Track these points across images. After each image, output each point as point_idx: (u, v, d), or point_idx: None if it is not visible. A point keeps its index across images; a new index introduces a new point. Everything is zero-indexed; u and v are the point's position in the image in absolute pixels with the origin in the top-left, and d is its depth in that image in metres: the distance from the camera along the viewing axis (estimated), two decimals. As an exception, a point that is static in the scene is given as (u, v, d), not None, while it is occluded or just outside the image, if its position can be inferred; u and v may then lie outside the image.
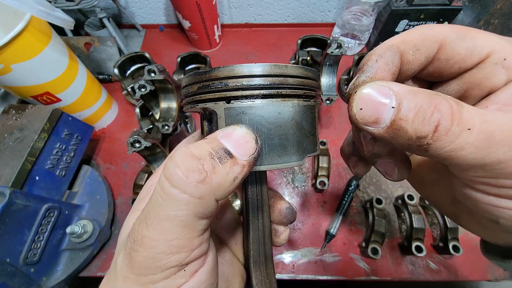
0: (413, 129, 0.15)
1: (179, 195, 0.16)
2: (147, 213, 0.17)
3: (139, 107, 0.68)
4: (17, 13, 0.53)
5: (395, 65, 0.18)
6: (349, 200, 0.63)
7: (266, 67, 0.19)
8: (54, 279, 0.53)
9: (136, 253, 0.17)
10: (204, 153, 0.17)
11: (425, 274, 0.57)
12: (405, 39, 0.18)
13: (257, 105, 0.19)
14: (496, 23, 0.69)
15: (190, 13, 0.79)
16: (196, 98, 0.20)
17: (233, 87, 0.19)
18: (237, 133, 0.18)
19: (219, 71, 0.19)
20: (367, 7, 0.78)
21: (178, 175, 0.16)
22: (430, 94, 0.15)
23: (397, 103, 0.15)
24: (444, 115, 0.14)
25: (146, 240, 0.16)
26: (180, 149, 0.17)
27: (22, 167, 0.51)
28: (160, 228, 0.16)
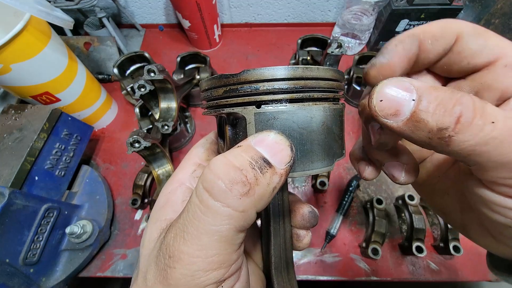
0: (434, 120, 0.14)
1: (221, 209, 0.15)
2: (184, 227, 0.16)
3: (138, 107, 0.68)
4: (17, 12, 0.53)
5: (413, 51, 0.19)
6: (349, 200, 0.63)
7: (298, 70, 0.18)
8: (54, 280, 0.53)
9: (173, 270, 0.16)
10: (244, 163, 0.16)
11: (426, 275, 0.57)
12: (425, 30, 0.19)
13: (289, 110, 0.18)
14: (497, 22, 0.68)
15: (190, 13, 0.79)
16: (222, 102, 0.19)
17: (263, 91, 0.18)
18: (271, 139, 0.17)
19: (249, 74, 0.18)
20: (367, 7, 0.78)
21: (220, 187, 0.15)
22: (452, 89, 0.15)
23: (418, 96, 0.15)
24: (467, 107, 0.14)
25: (184, 256, 0.16)
26: (217, 159, 0.17)
27: (22, 167, 0.51)
28: (199, 243, 0.16)
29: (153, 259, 0.18)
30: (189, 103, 0.81)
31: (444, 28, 0.19)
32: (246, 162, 0.16)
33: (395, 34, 0.83)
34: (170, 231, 0.17)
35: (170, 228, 0.17)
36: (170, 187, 0.24)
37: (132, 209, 0.64)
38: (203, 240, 0.15)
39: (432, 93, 0.15)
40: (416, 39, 0.19)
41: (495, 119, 0.13)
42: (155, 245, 0.19)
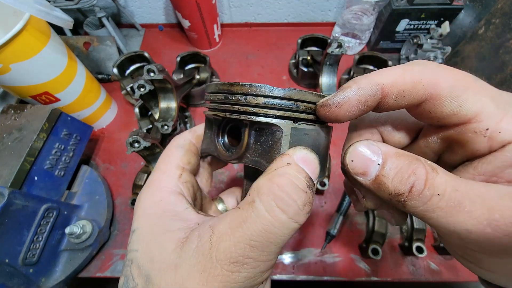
0: (393, 186, 0.17)
1: (292, 224, 0.18)
2: (250, 236, 0.17)
3: (138, 107, 0.68)
4: (16, 12, 0.53)
5: (368, 105, 0.19)
6: (349, 201, 0.63)
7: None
8: (53, 280, 0.53)
9: (237, 274, 0.17)
10: (304, 186, 0.19)
11: (426, 275, 0.57)
12: (395, 83, 0.18)
13: (316, 129, 0.22)
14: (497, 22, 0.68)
15: (189, 13, 0.79)
16: (260, 111, 0.21)
17: (303, 110, 0.21)
18: (310, 158, 0.20)
19: (293, 92, 0.21)
20: (367, 6, 0.78)
21: (295, 208, 0.18)
22: (412, 158, 0.17)
23: (382, 161, 0.18)
24: (419, 179, 0.16)
25: (250, 261, 0.18)
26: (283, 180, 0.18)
27: (21, 167, 0.51)
28: (267, 250, 0.18)
29: (193, 267, 0.18)
30: (189, 103, 0.81)
31: (417, 86, 0.18)
32: (305, 185, 0.19)
33: (395, 33, 0.83)
34: (224, 239, 0.18)
35: (223, 237, 0.18)
36: (158, 195, 0.23)
37: (132, 209, 0.64)
38: (271, 248, 0.18)
39: (394, 161, 0.18)
40: (379, 93, 0.18)
41: (442, 192, 0.16)
42: (185, 255, 0.19)
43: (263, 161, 0.21)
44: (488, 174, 0.18)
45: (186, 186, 0.25)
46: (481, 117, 0.17)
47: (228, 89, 0.22)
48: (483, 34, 0.70)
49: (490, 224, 0.15)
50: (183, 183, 0.25)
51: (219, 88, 0.22)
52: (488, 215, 0.15)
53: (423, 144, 0.22)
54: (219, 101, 0.23)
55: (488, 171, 0.18)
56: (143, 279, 0.19)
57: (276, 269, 0.58)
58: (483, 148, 0.18)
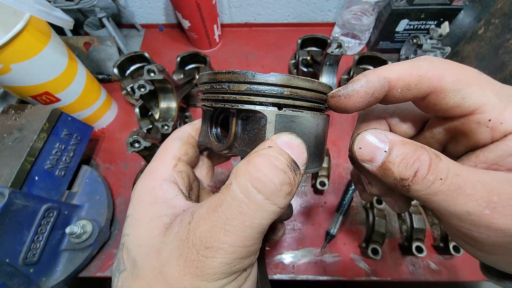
0: (398, 172, 0.18)
1: (270, 206, 0.18)
2: (226, 220, 0.17)
3: (138, 107, 0.68)
4: (17, 12, 0.53)
5: (375, 96, 0.20)
6: (349, 200, 0.63)
7: (315, 84, 0.21)
8: (54, 280, 0.53)
9: (211, 259, 0.17)
10: (285, 166, 0.18)
11: (426, 275, 0.57)
12: (401, 77, 0.19)
13: (304, 116, 0.21)
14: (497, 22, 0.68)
15: (189, 13, 0.79)
16: (243, 98, 0.20)
17: (288, 95, 0.20)
18: (295, 143, 0.20)
19: (278, 78, 0.20)
20: (367, 7, 0.78)
21: (272, 187, 0.17)
22: (416, 146, 0.18)
23: (389, 148, 0.19)
24: (423, 165, 0.17)
25: (225, 246, 0.17)
26: (260, 159, 0.18)
27: (21, 167, 0.51)
28: (243, 235, 0.17)
29: (172, 252, 0.18)
30: (189, 103, 0.81)
31: (422, 79, 0.19)
32: (285, 165, 0.18)
33: (395, 34, 0.83)
34: (200, 224, 0.18)
35: (200, 221, 0.18)
36: (152, 183, 0.24)
37: (132, 209, 0.64)
38: (247, 232, 0.17)
39: (400, 148, 0.19)
40: (386, 86, 0.19)
41: (444, 176, 0.17)
42: (167, 240, 0.19)
43: (249, 150, 0.21)
44: (489, 163, 0.19)
45: (180, 175, 0.25)
46: (484, 108, 0.18)
47: (213, 78, 0.21)
48: (482, 34, 0.70)
49: (488, 206, 0.16)
50: (178, 172, 0.25)
51: (206, 77, 0.22)
52: (487, 198, 0.16)
53: (429, 135, 0.23)
54: (206, 91, 0.23)
55: (490, 159, 0.19)
56: (131, 263, 0.20)
57: (276, 269, 0.58)
58: (486, 138, 0.19)
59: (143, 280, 0.19)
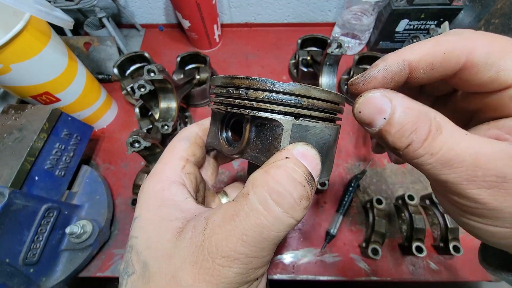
0: (392, 141, 0.18)
1: (287, 219, 0.17)
2: (242, 230, 0.17)
3: (138, 107, 0.68)
4: (17, 12, 0.53)
5: (395, 80, 0.19)
6: (349, 200, 0.63)
7: (332, 95, 0.21)
8: (54, 280, 0.53)
9: (227, 269, 0.17)
10: (303, 179, 0.18)
11: (426, 275, 0.57)
12: (423, 58, 0.18)
13: (320, 126, 0.21)
14: (497, 22, 0.68)
15: (189, 13, 0.79)
16: (260, 106, 0.20)
17: (305, 106, 0.20)
18: (311, 154, 0.20)
19: (296, 88, 0.20)
20: (367, 7, 0.78)
21: (291, 201, 0.17)
22: (419, 115, 0.18)
23: (389, 117, 0.18)
24: (418, 138, 0.17)
25: (242, 256, 0.17)
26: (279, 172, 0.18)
27: (21, 167, 0.51)
28: (260, 246, 0.17)
29: (186, 258, 0.18)
30: (189, 103, 0.81)
31: (448, 56, 0.17)
32: (303, 178, 0.18)
33: (395, 34, 0.83)
34: (216, 232, 0.18)
35: (215, 229, 0.18)
36: (160, 184, 0.23)
37: (132, 209, 0.64)
38: (263, 244, 0.17)
39: (401, 116, 0.18)
40: (406, 69, 0.18)
41: (436, 151, 0.17)
42: (180, 245, 0.19)
43: (262, 157, 0.21)
44: (504, 130, 0.18)
45: (188, 177, 0.25)
46: None
47: (230, 82, 0.21)
48: (482, 34, 0.70)
49: (468, 179, 0.16)
50: (186, 174, 0.25)
51: (222, 81, 0.22)
52: (471, 172, 0.16)
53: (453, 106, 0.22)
54: (221, 95, 0.22)
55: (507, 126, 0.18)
56: (141, 266, 0.20)
57: (276, 269, 0.58)
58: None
59: (155, 284, 0.18)
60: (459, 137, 0.17)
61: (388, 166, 0.70)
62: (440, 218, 0.57)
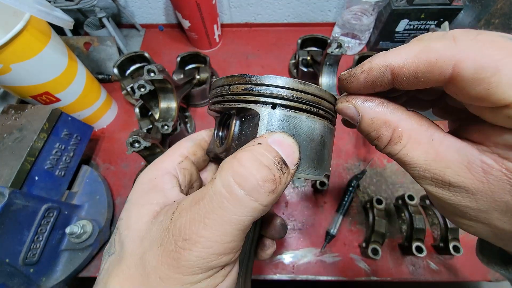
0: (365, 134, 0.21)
1: (250, 202, 0.17)
2: (206, 213, 0.17)
3: (138, 107, 0.68)
4: (17, 12, 0.53)
5: (376, 85, 0.19)
6: (349, 200, 0.63)
7: (311, 87, 0.22)
8: (54, 280, 0.53)
9: (188, 252, 0.17)
10: (271, 163, 0.18)
11: (426, 275, 0.57)
12: (406, 65, 0.17)
13: (298, 116, 0.21)
14: (497, 22, 0.68)
15: (189, 13, 0.79)
16: (240, 98, 0.21)
17: (281, 96, 0.21)
18: (287, 142, 0.19)
19: (272, 79, 0.21)
20: (367, 7, 0.78)
21: (254, 183, 0.17)
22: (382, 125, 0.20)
23: (357, 124, 0.21)
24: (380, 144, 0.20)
25: (202, 239, 0.17)
26: (245, 155, 0.18)
27: (21, 167, 0.51)
28: (221, 230, 0.17)
29: (154, 241, 0.18)
30: (189, 103, 0.81)
31: (433, 67, 0.16)
32: (271, 162, 0.18)
33: (395, 34, 0.83)
34: (182, 215, 0.18)
35: (182, 213, 0.18)
36: (155, 173, 0.24)
37: (132, 209, 0.64)
38: (225, 228, 0.17)
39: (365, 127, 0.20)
40: (388, 72, 0.18)
41: (393, 154, 0.20)
42: (152, 227, 0.19)
43: None
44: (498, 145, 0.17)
45: (183, 172, 0.26)
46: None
47: (219, 83, 0.23)
48: (482, 34, 0.70)
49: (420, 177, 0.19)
50: (181, 169, 0.26)
51: (213, 85, 0.24)
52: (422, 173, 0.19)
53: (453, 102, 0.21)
54: (212, 96, 0.24)
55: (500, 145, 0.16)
56: (120, 246, 0.20)
57: (276, 269, 0.58)
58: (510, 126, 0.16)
59: (125, 264, 0.19)
60: (415, 146, 0.19)
61: (388, 166, 0.70)
62: (440, 218, 0.57)
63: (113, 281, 0.19)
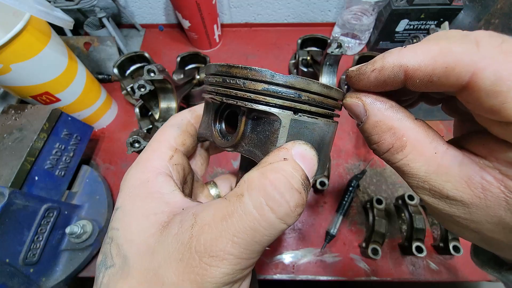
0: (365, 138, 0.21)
1: (281, 225, 0.17)
2: (234, 232, 0.17)
3: (138, 107, 0.68)
4: (17, 12, 0.53)
5: (388, 84, 0.18)
6: (349, 200, 0.63)
7: (333, 91, 0.21)
8: (54, 280, 0.53)
9: (214, 269, 0.17)
10: (299, 186, 0.18)
11: (426, 275, 0.57)
12: (421, 67, 0.16)
13: (318, 123, 0.20)
14: (497, 22, 0.68)
15: (189, 13, 0.79)
16: (258, 98, 0.19)
17: (305, 100, 0.19)
18: (309, 155, 0.19)
19: (297, 81, 0.19)
20: (367, 7, 0.78)
21: (287, 209, 0.17)
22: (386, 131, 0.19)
23: (362, 124, 0.20)
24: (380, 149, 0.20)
25: (230, 257, 0.17)
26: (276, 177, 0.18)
27: (21, 167, 0.51)
28: (250, 249, 0.17)
29: (171, 255, 0.17)
30: (189, 103, 0.81)
31: (449, 72, 0.15)
32: (300, 184, 0.18)
33: (395, 34, 0.83)
34: (205, 231, 0.17)
35: (205, 228, 0.17)
36: (146, 175, 0.22)
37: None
38: (254, 246, 0.17)
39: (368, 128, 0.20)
40: (402, 73, 0.17)
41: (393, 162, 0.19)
42: (164, 240, 0.18)
43: (258, 152, 0.20)
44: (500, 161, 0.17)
45: (176, 168, 0.24)
46: None
47: (227, 71, 0.20)
48: (482, 34, 0.70)
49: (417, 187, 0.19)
50: (173, 165, 0.24)
51: (218, 69, 0.21)
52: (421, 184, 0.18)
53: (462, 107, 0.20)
54: (217, 84, 0.21)
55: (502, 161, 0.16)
56: (121, 260, 0.19)
57: (276, 269, 0.58)
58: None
59: (135, 279, 0.18)
60: (417, 157, 0.18)
61: (388, 166, 0.70)
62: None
63: None
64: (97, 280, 0.20)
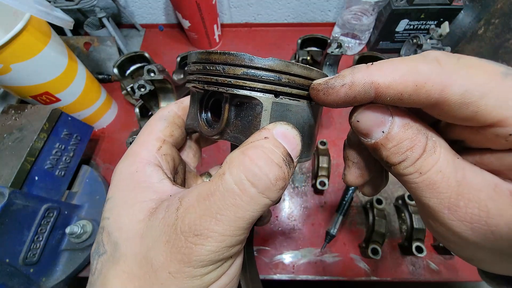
0: (386, 155, 0.18)
1: (263, 199, 0.18)
2: (218, 210, 0.17)
3: (138, 107, 0.68)
4: (17, 12, 0.53)
5: (358, 100, 0.18)
6: (349, 200, 0.63)
7: (314, 72, 0.20)
8: (54, 280, 0.53)
9: (199, 247, 0.17)
10: (280, 160, 0.18)
11: (426, 275, 0.57)
12: (392, 86, 0.16)
13: (301, 105, 0.20)
14: (497, 22, 0.68)
15: (189, 13, 0.79)
16: (238, 83, 0.19)
17: (285, 83, 0.19)
18: (291, 134, 0.19)
19: (276, 63, 0.19)
20: (367, 7, 0.78)
21: (267, 182, 0.17)
22: (417, 133, 0.17)
23: (387, 131, 0.18)
24: (412, 156, 0.17)
25: (214, 234, 0.17)
26: (256, 152, 0.18)
27: (21, 167, 0.51)
28: (234, 225, 0.17)
29: (158, 238, 0.18)
30: (189, 103, 0.81)
31: (419, 90, 0.16)
32: (281, 160, 0.18)
33: (395, 34, 0.83)
34: (190, 211, 0.18)
35: (189, 209, 0.18)
36: (135, 165, 0.23)
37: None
38: (238, 223, 0.17)
39: (399, 133, 0.17)
40: (372, 91, 0.17)
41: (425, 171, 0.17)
42: (152, 225, 0.19)
43: (242, 137, 0.20)
44: (492, 167, 0.17)
45: (165, 158, 0.24)
46: (505, 122, 0.15)
47: (207, 58, 0.20)
48: (482, 34, 0.70)
49: (450, 208, 0.16)
50: (162, 155, 0.24)
51: (198, 57, 0.21)
52: (454, 200, 0.16)
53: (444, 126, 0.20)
54: (198, 72, 0.21)
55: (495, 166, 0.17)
56: (112, 246, 0.20)
57: (276, 269, 0.58)
58: (500, 147, 0.16)
59: (125, 264, 0.19)
60: (450, 160, 0.17)
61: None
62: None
63: (113, 282, 0.18)
64: (92, 267, 0.21)
